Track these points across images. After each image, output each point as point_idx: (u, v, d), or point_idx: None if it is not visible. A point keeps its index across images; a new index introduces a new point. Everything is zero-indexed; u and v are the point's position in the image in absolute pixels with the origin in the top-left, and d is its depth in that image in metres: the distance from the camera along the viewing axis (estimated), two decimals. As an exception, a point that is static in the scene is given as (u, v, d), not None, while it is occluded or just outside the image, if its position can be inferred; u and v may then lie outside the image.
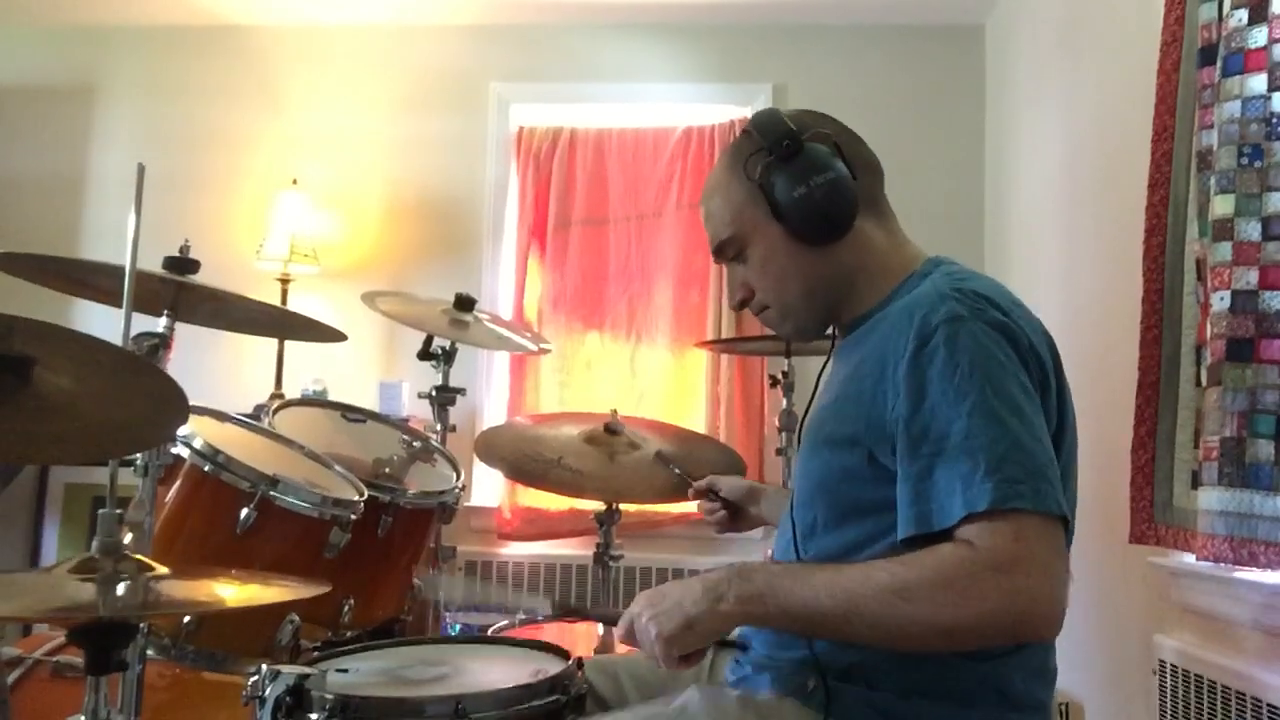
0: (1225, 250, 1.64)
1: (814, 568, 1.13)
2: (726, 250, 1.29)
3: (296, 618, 1.72)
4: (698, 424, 3.59)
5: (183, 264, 1.74)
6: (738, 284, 1.31)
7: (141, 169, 1.39)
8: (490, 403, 3.75)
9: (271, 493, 1.73)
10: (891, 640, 1.04)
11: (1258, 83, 1.64)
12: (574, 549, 3.58)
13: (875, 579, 1.00)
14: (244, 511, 1.71)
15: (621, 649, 2.13)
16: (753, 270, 1.27)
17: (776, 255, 1.24)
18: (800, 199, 1.19)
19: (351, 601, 1.86)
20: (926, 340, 1.06)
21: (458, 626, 2.84)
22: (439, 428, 2.46)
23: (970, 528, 0.98)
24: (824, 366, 1.34)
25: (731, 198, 1.26)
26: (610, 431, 2.30)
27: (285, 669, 1.16)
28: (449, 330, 2.47)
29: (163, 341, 1.63)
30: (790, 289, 1.26)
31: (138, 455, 1.58)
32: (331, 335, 2.00)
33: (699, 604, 1.06)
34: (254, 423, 2.03)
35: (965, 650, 1.07)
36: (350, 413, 2.30)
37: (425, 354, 2.46)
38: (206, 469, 1.74)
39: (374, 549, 1.92)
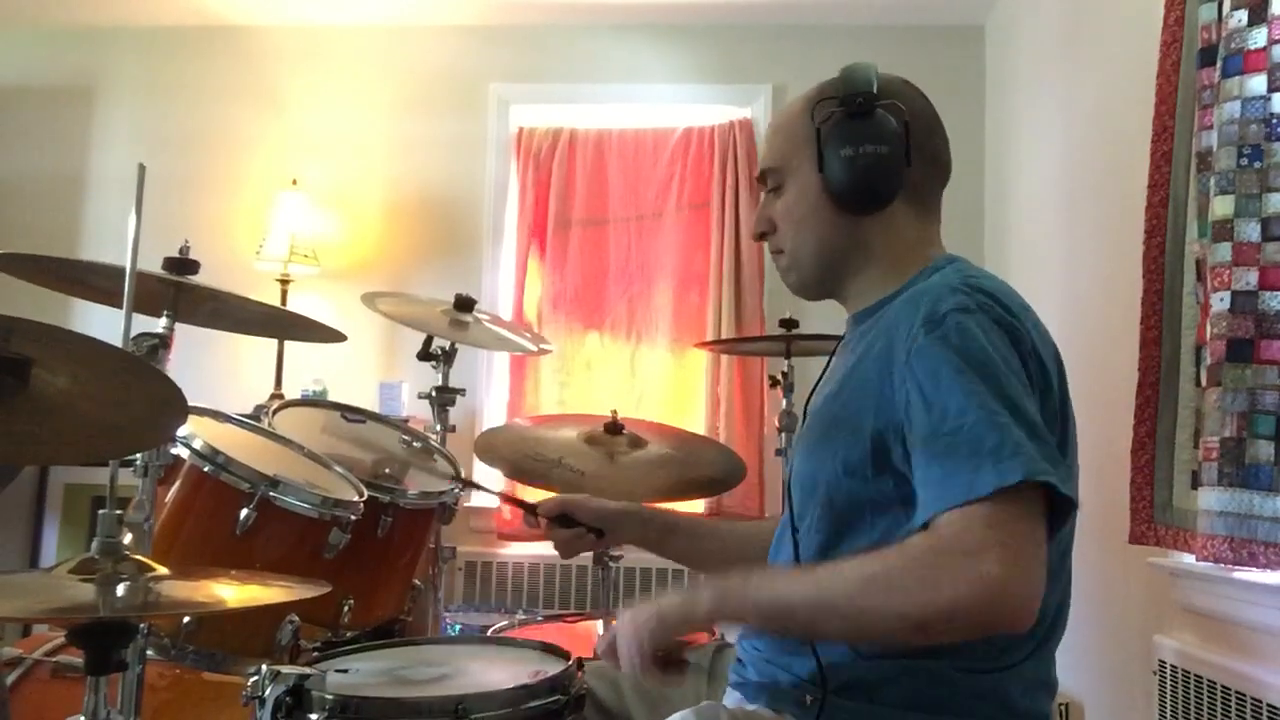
0: (1225, 251, 1.64)
1: (787, 569, 1.16)
2: (767, 179, 1.29)
3: (296, 618, 1.72)
4: (698, 424, 3.59)
5: (182, 264, 1.74)
6: (765, 217, 1.30)
7: (142, 169, 1.38)
8: (490, 403, 3.75)
9: (271, 493, 1.73)
10: (863, 632, 1.04)
11: (1257, 83, 1.64)
12: (574, 549, 3.58)
13: (843, 571, 1.01)
14: (244, 512, 1.71)
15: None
16: (782, 208, 1.27)
17: (805, 202, 1.24)
18: (845, 160, 1.19)
19: (351, 602, 1.86)
20: (933, 329, 1.06)
21: (458, 626, 2.84)
22: (439, 428, 2.45)
23: (946, 515, 0.97)
24: (830, 360, 1.33)
25: (791, 131, 1.26)
26: (610, 432, 2.30)
27: (285, 669, 1.16)
28: (449, 331, 2.46)
29: (162, 342, 1.63)
30: (805, 242, 1.25)
31: (137, 455, 1.57)
32: (331, 336, 2.00)
33: (673, 603, 1.09)
34: (254, 423, 2.03)
35: (941, 644, 1.04)
36: (350, 413, 2.30)
37: (425, 354, 2.45)
38: (206, 469, 1.74)
39: (374, 549, 1.92)
